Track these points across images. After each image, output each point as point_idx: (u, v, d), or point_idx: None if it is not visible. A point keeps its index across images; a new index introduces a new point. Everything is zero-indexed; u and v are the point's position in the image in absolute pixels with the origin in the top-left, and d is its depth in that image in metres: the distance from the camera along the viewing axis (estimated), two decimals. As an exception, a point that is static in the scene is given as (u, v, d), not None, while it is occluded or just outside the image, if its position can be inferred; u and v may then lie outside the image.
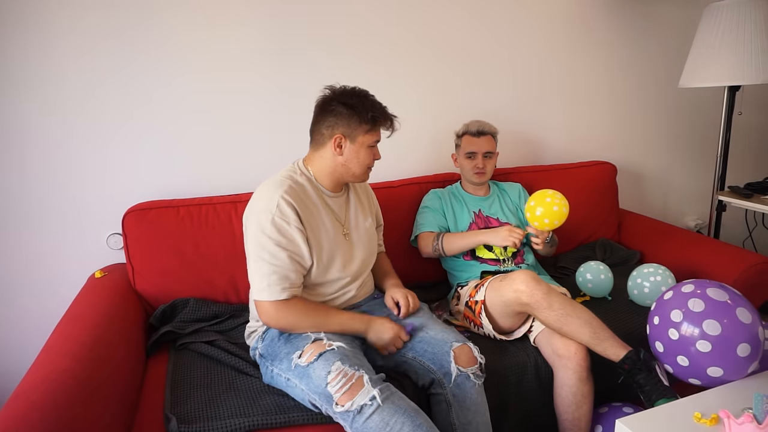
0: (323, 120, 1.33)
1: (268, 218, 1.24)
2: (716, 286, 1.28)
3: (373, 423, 1.06)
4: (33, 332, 1.73)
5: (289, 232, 1.25)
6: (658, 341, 1.31)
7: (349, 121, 1.30)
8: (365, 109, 1.30)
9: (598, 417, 1.46)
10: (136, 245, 1.61)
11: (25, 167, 1.66)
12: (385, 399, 1.08)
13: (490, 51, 2.14)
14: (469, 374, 1.26)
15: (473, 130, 1.82)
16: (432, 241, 1.74)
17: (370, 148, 1.35)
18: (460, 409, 1.25)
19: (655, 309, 1.36)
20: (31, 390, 0.98)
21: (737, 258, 1.74)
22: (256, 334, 1.37)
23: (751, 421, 1.02)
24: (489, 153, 1.82)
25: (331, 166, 1.35)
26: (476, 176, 1.82)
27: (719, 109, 2.16)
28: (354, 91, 1.33)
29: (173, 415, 1.16)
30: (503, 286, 1.46)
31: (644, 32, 2.38)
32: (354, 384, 1.10)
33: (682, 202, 2.69)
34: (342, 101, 1.30)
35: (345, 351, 1.18)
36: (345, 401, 1.09)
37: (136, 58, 1.70)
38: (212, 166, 1.86)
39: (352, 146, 1.33)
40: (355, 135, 1.32)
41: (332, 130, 1.31)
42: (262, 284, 1.24)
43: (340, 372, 1.12)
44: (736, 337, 1.18)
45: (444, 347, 1.29)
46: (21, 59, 1.59)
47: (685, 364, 1.24)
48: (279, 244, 1.24)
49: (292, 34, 1.86)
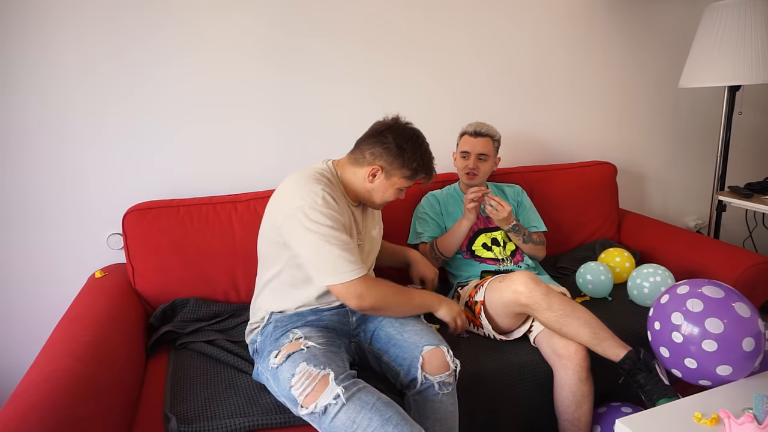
0: (372, 145, 1.33)
1: (316, 208, 1.21)
2: (710, 284, 1.28)
3: (339, 422, 1.05)
4: (33, 332, 1.73)
5: (339, 218, 1.24)
6: (663, 346, 1.30)
7: (393, 160, 1.31)
8: (413, 158, 1.31)
9: (596, 417, 1.46)
10: (136, 245, 1.61)
11: (25, 167, 1.66)
12: (350, 396, 1.07)
13: (491, 51, 2.14)
14: (434, 383, 1.24)
15: (471, 130, 1.81)
16: (429, 250, 1.76)
17: (399, 190, 1.37)
18: (419, 415, 1.23)
19: (654, 314, 1.35)
20: (31, 389, 0.98)
21: (737, 258, 1.74)
22: (256, 330, 1.38)
23: (751, 421, 1.02)
24: (484, 155, 1.79)
25: (358, 186, 1.36)
26: (467, 177, 1.81)
27: (719, 109, 2.17)
28: (412, 135, 1.34)
29: (173, 415, 1.16)
30: (502, 286, 1.46)
31: (644, 32, 2.38)
32: (318, 384, 1.09)
33: (682, 202, 2.69)
34: (397, 140, 1.31)
35: (314, 351, 1.18)
36: (309, 403, 1.08)
37: (136, 58, 1.70)
38: (212, 166, 1.86)
39: (384, 181, 1.34)
40: (391, 174, 1.33)
41: (374, 158, 1.32)
42: (341, 267, 1.20)
43: (303, 374, 1.12)
44: (740, 332, 1.18)
45: (414, 351, 1.27)
46: (21, 58, 1.59)
47: (694, 366, 1.23)
48: (336, 228, 1.21)
49: (293, 36, 1.86)
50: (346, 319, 1.38)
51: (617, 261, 1.87)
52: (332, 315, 1.36)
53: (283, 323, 1.31)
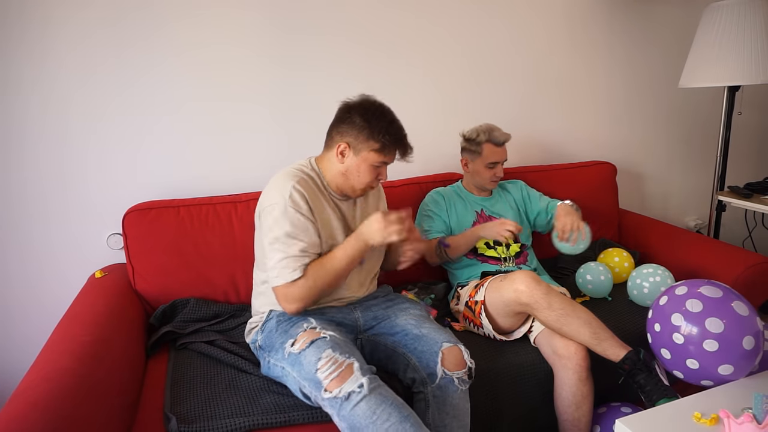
0: (337, 125, 1.33)
1: (281, 209, 1.26)
2: (708, 284, 1.28)
3: (360, 410, 1.06)
4: (33, 332, 1.73)
5: (302, 221, 1.27)
6: (664, 348, 1.29)
7: (358, 133, 1.29)
8: (380, 129, 1.28)
9: (596, 417, 1.46)
10: (136, 245, 1.61)
11: (25, 167, 1.66)
12: (372, 389, 1.09)
13: (491, 51, 2.15)
14: (453, 378, 1.25)
15: (499, 140, 1.75)
16: (435, 248, 1.73)
17: (375, 167, 1.33)
18: (438, 412, 1.24)
19: (653, 316, 1.35)
20: (31, 389, 0.98)
21: (737, 258, 1.74)
22: (255, 329, 1.39)
23: (750, 421, 1.02)
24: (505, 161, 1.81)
25: (334, 172, 1.35)
26: (492, 184, 1.82)
27: (719, 109, 2.17)
28: (377, 107, 1.32)
29: (173, 415, 1.16)
30: (503, 286, 1.46)
31: (644, 32, 2.39)
32: (344, 371, 1.10)
33: (682, 202, 2.69)
34: (361, 113, 1.30)
35: (336, 340, 1.19)
36: (333, 387, 1.09)
37: (136, 57, 1.70)
38: (212, 166, 1.86)
39: (354, 158, 1.32)
40: (359, 148, 1.30)
41: (341, 137, 1.32)
42: (274, 272, 1.26)
43: (330, 359, 1.12)
44: (740, 331, 1.18)
45: (433, 347, 1.28)
46: (21, 57, 1.59)
47: (696, 366, 1.23)
48: (292, 234, 1.25)
49: (293, 36, 1.86)
50: (351, 315, 1.39)
51: (616, 261, 1.88)
52: (336, 312, 1.37)
53: (286, 317, 1.31)
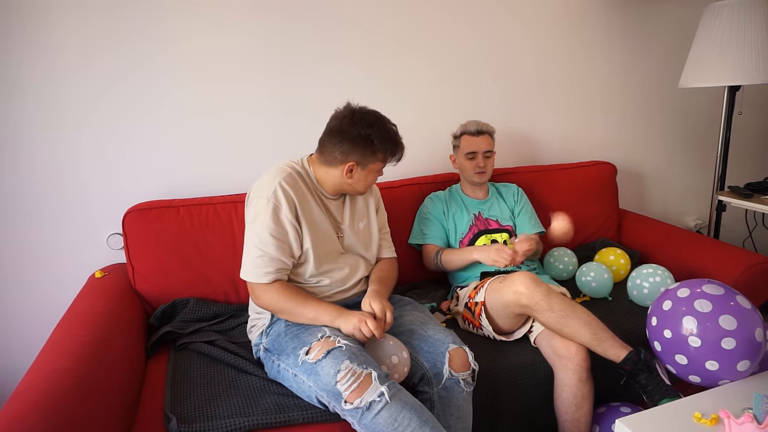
0: (339, 143, 1.33)
1: (263, 204, 1.29)
2: (706, 282, 1.28)
3: (381, 419, 1.07)
4: (33, 332, 1.73)
5: (281, 220, 1.29)
6: (679, 354, 1.25)
7: (364, 151, 1.33)
8: (382, 143, 1.33)
9: (596, 417, 1.46)
10: (136, 245, 1.61)
11: (25, 167, 1.66)
12: (393, 396, 1.10)
13: (490, 51, 2.14)
14: (459, 379, 1.26)
15: (472, 130, 1.81)
16: (432, 257, 1.77)
17: (378, 171, 1.41)
18: (443, 412, 1.25)
19: (659, 323, 1.31)
20: (31, 389, 0.98)
21: (737, 258, 1.74)
22: (257, 329, 1.39)
23: (751, 421, 1.02)
24: (489, 152, 1.82)
25: (337, 183, 1.38)
26: (477, 176, 1.81)
27: (719, 109, 2.16)
28: (373, 119, 1.33)
29: (173, 415, 1.16)
30: (503, 287, 1.46)
31: (644, 32, 2.38)
32: (362, 382, 1.11)
33: (682, 202, 2.69)
34: (361, 131, 1.30)
35: (352, 349, 1.19)
36: (354, 398, 1.10)
37: (135, 58, 1.70)
38: (212, 166, 1.86)
39: (362, 172, 1.36)
40: (366, 164, 1.36)
41: (346, 156, 1.33)
42: (247, 266, 1.31)
43: (349, 371, 1.13)
44: (751, 324, 1.18)
45: (440, 348, 1.29)
46: (21, 59, 1.59)
47: (715, 368, 1.20)
48: (270, 231, 1.28)
49: (292, 38, 1.86)
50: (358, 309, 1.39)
51: (611, 260, 1.87)
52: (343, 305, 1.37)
53: None
